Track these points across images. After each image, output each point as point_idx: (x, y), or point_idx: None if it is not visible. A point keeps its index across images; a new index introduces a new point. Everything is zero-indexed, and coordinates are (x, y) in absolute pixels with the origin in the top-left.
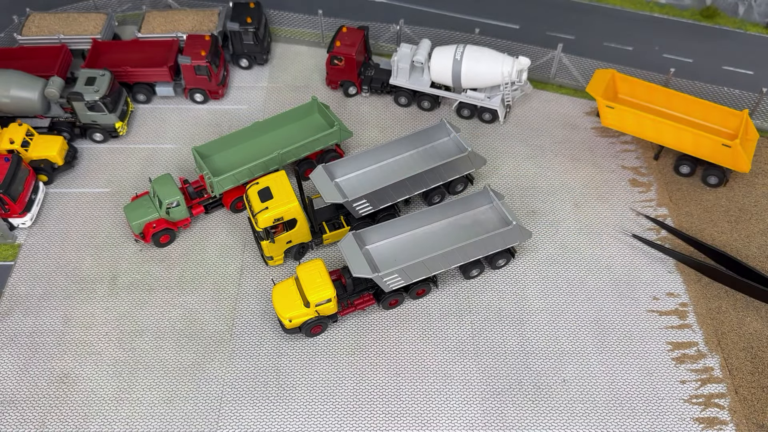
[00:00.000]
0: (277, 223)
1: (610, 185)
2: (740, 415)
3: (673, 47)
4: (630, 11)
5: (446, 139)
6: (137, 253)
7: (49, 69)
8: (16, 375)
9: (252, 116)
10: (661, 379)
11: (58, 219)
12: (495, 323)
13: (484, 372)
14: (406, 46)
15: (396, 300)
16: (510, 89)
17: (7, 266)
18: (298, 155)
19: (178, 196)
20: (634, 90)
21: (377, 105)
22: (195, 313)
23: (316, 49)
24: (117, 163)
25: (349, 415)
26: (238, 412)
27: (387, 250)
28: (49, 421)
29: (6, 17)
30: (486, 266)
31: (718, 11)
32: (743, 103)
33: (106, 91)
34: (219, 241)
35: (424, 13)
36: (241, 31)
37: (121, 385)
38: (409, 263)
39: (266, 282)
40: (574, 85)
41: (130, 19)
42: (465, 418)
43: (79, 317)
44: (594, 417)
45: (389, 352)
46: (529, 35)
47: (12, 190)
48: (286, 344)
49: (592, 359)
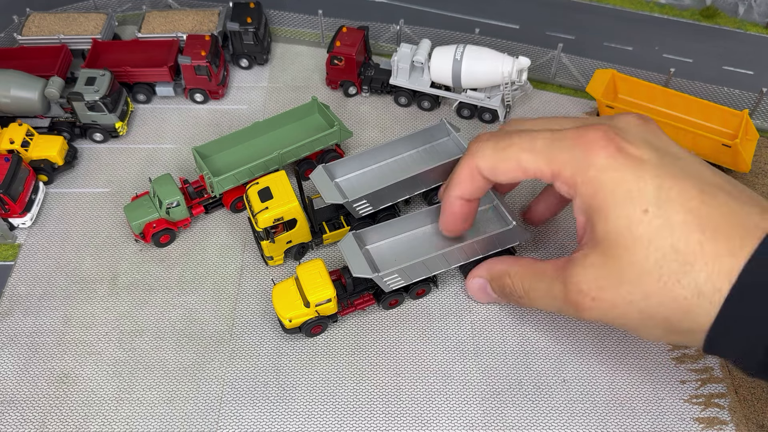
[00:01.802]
0: (277, 223)
1: None
2: (740, 415)
3: (673, 47)
4: (630, 11)
5: (446, 139)
6: (137, 253)
7: (49, 69)
8: (16, 375)
9: (252, 116)
10: (661, 379)
11: (58, 219)
12: (495, 323)
13: (484, 372)
14: (406, 46)
15: (396, 300)
16: (510, 89)
17: (7, 266)
18: (298, 155)
19: (178, 196)
20: (634, 90)
21: (377, 105)
22: (195, 313)
23: (316, 49)
24: (117, 163)
25: (349, 414)
26: (238, 412)
27: (387, 250)
28: (49, 421)
29: (6, 17)
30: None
31: (718, 11)
32: (743, 103)
33: (106, 91)
34: (219, 241)
35: (424, 13)
36: (241, 31)
37: (121, 385)
38: (409, 263)
39: (266, 282)
40: (574, 85)
41: (130, 19)
42: (465, 418)
43: (79, 317)
44: (594, 417)
45: (389, 352)
46: (529, 35)
47: (12, 190)
48: (286, 344)
49: (592, 359)
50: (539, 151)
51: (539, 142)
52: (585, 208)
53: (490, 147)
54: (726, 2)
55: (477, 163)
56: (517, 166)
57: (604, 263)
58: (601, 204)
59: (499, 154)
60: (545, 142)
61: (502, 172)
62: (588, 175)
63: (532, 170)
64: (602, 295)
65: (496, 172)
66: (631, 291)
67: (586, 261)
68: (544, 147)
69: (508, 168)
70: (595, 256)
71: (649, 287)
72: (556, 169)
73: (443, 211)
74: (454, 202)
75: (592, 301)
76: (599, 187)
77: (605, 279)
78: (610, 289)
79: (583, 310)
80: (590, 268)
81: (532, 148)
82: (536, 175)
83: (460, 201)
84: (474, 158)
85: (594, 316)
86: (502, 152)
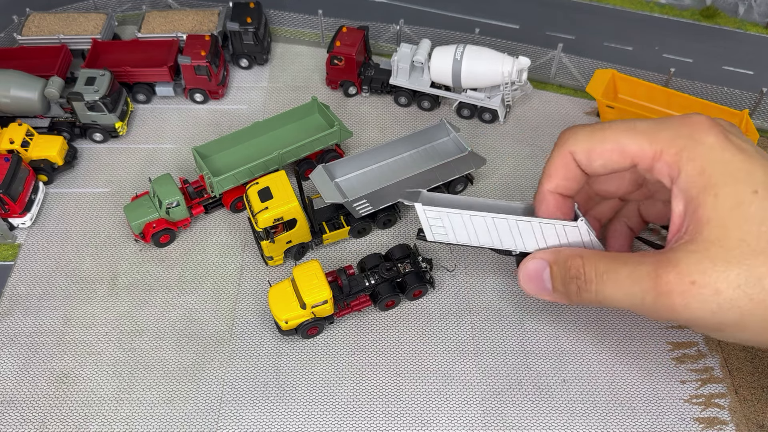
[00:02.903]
0: (277, 223)
1: None
2: (740, 415)
3: (673, 47)
4: (630, 11)
5: (446, 139)
6: (137, 253)
7: (49, 69)
8: (16, 375)
9: (252, 116)
10: (661, 379)
11: (58, 219)
12: (495, 323)
13: (484, 372)
14: (406, 46)
15: (392, 301)
16: (510, 89)
17: (7, 266)
18: (298, 155)
19: (178, 196)
20: (634, 90)
21: (377, 105)
22: (195, 313)
23: (316, 49)
24: (117, 163)
25: (349, 415)
26: (238, 412)
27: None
28: (49, 421)
29: (6, 17)
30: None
31: (718, 11)
32: (743, 103)
33: (106, 91)
34: (219, 241)
35: (424, 13)
36: (241, 31)
37: (121, 385)
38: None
39: (266, 282)
40: (574, 85)
41: (130, 19)
42: (465, 418)
43: (79, 317)
44: (594, 417)
45: (389, 352)
46: (529, 35)
47: (12, 190)
48: (286, 344)
49: (592, 359)
50: (641, 131)
51: (640, 123)
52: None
53: (586, 131)
54: (726, 2)
55: (570, 148)
56: (615, 146)
57: (709, 247)
58: (708, 182)
59: (596, 135)
60: (647, 123)
61: (599, 155)
62: (696, 152)
63: (633, 151)
64: (704, 279)
65: (591, 156)
66: (740, 274)
67: (689, 246)
68: (647, 127)
69: (605, 150)
70: (699, 241)
71: (763, 269)
72: (659, 148)
73: (537, 211)
74: (548, 198)
75: (691, 285)
76: (707, 165)
77: (710, 260)
78: (714, 271)
79: (675, 296)
80: (693, 253)
81: (632, 128)
82: (635, 157)
83: (554, 196)
84: (567, 144)
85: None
86: (599, 133)
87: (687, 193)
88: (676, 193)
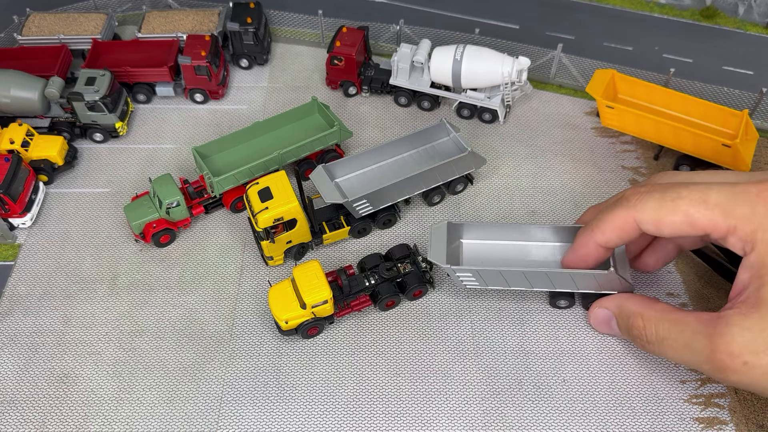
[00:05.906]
0: (277, 223)
1: (610, 185)
2: (740, 415)
3: (673, 47)
4: (630, 11)
5: (446, 139)
6: (137, 253)
7: (49, 69)
8: (16, 375)
9: (252, 116)
10: (661, 379)
11: (58, 219)
12: (495, 323)
13: (484, 372)
14: (406, 46)
15: (392, 301)
16: (510, 89)
17: (7, 266)
18: (298, 155)
19: (178, 196)
20: (634, 90)
21: (377, 105)
22: (195, 313)
23: (316, 49)
24: (117, 163)
25: (349, 415)
26: (238, 412)
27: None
28: (49, 421)
29: (6, 17)
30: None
31: (718, 11)
32: (743, 103)
33: (106, 91)
34: (219, 241)
35: (424, 13)
36: (241, 31)
37: (121, 385)
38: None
39: (266, 282)
40: (574, 85)
41: (130, 19)
42: (465, 418)
43: (79, 317)
44: (594, 417)
45: (389, 352)
46: (529, 35)
47: (12, 190)
48: (286, 344)
49: (592, 359)
50: (714, 205)
51: (714, 195)
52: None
53: (656, 198)
54: (726, 2)
55: (638, 215)
56: (685, 219)
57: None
58: None
59: (666, 206)
60: (721, 195)
61: (667, 225)
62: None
63: (703, 224)
64: (757, 361)
65: (660, 226)
66: None
67: (744, 322)
68: (721, 200)
69: (674, 221)
70: (756, 318)
71: None
72: (732, 224)
73: (575, 250)
74: (594, 249)
75: (743, 366)
76: None
77: (764, 343)
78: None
79: (730, 373)
80: (747, 331)
81: (705, 201)
82: (707, 229)
83: (600, 249)
84: (634, 210)
85: (741, 381)
86: (670, 203)
87: (755, 270)
88: (744, 265)
